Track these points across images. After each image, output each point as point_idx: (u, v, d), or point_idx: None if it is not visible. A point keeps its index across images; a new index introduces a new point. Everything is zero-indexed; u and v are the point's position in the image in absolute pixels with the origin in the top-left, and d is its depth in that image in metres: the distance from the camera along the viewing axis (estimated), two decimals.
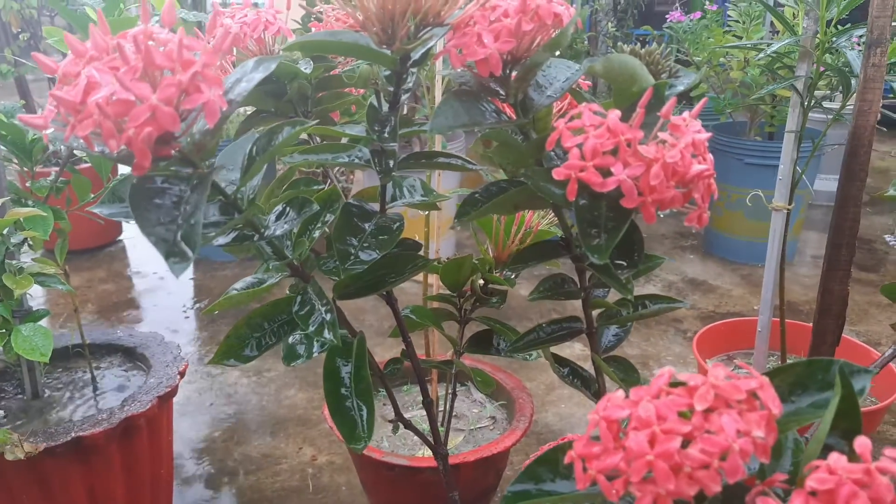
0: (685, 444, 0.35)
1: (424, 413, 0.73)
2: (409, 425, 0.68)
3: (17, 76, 2.42)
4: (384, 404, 1.23)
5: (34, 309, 1.12)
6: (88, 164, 1.75)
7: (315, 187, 0.58)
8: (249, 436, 1.52)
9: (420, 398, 0.72)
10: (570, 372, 0.61)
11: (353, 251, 0.54)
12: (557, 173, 0.44)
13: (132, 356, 1.28)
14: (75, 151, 1.26)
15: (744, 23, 1.98)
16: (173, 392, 1.15)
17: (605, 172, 0.43)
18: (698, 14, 2.12)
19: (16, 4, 2.33)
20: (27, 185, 1.10)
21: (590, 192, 0.46)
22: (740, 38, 2.06)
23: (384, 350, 1.74)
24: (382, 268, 0.57)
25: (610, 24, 2.41)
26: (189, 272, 2.38)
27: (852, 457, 0.34)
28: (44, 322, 1.08)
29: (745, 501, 0.38)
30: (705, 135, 0.45)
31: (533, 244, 0.58)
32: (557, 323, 0.58)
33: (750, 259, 2.34)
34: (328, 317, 0.50)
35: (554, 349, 0.62)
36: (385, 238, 0.55)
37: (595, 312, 0.59)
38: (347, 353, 0.56)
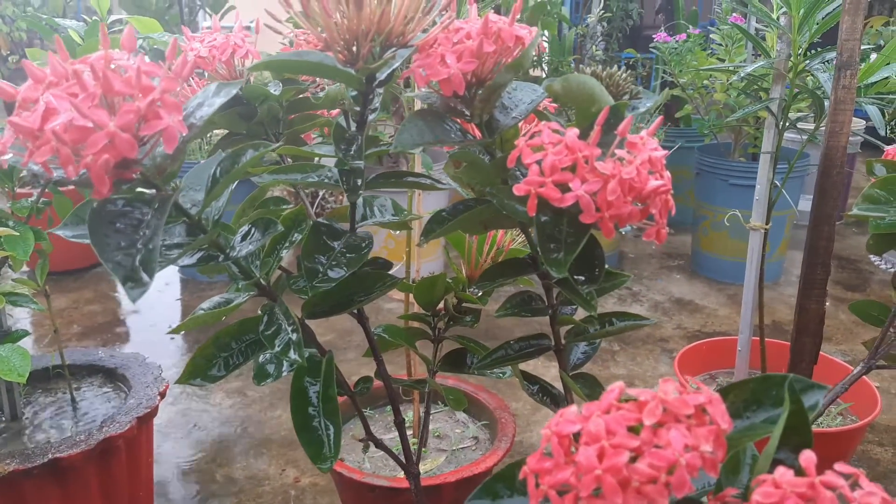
0: (634, 459, 0.35)
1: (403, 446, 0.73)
2: (379, 445, 0.68)
3: None
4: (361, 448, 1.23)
5: (15, 329, 1.11)
6: (72, 187, 1.75)
7: (284, 207, 0.58)
8: (233, 457, 1.51)
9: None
10: (539, 389, 0.61)
11: (321, 269, 0.54)
12: (518, 189, 0.44)
13: (113, 377, 1.27)
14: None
15: (726, 46, 2.01)
16: (153, 413, 1.14)
17: (564, 188, 0.44)
18: (683, 36, 2.15)
19: (5, 27, 2.35)
20: (8, 205, 1.10)
21: (551, 209, 0.47)
22: (723, 60, 2.09)
23: (370, 371, 1.73)
24: (351, 286, 0.57)
25: (595, 46, 2.44)
26: (176, 293, 2.38)
27: (802, 472, 0.34)
28: (27, 343, 1.07)
29: None
30: (662, 152, 0.45)
31: (501, 262, 0.59)
32: (526, 340, 0.59)
33: (736, 278, 2.35)
34: (294, 336, 0.50)
35: (539, 370, 0.63)
36: (354, 256, 0.56)
37: (564, 330, 0.59)
38: (316, 373, 0.56)
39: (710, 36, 2.17)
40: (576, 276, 0.47)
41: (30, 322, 2.16)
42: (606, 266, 0.53)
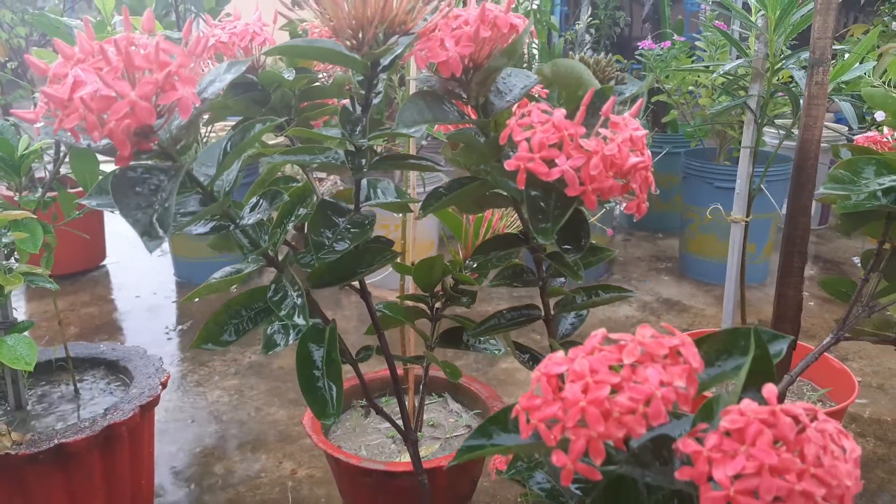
0: (615, 393, 0.39)
1: (401, 424, 0.76)
2: (380, 411, 0.72)
3: (4, 103, 2.46)
4: (361, 415, 1.26)
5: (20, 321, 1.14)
6: (79, 189, 1.78)
7: (292, 185, 0.62)
8: (230, 451, 1.54)
9: (397, 411, 0.75)
10: (530, 358, 0.65)
11: (327, 242, 0.58)
12: (509, 164, 0.49)
13: (115, 369, 1.30)
14: (61, 169, 1.29)
15: (710, 53, 2.07)
16: (155, 402, 1.17)
17: (551, 164, 0.48)
18: (668, 43, 2.21)
19: (3, 34, 2.38)
20: (15, 199, 1.13)
21: (540, 185, 0.51)
22: (712, 71, 2.14)
23: (365, 367, 1.76)
24: (354, 259, 0.61)
25: (583, 54, 2.50)
26: (172, 295, 2.40)
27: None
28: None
29: (672, 448, 0.42)
30: (643, 132, 0.50)
31: (494, 237, 0.63)
32: (517, 310, 0.63)
33: (723, 280, 2.37)
34: (299, 301, 0.54)
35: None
36: (358, 231, 0.60)
37: (553, 303, 0.63)
38: (320, 339, 0.59)
39: (696, 44, 2.23)
40: (563, 246, 0.51)
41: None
42: (592, 241, 0.57)
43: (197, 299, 0.61)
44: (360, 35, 0.51)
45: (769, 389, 0.38)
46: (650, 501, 0.42)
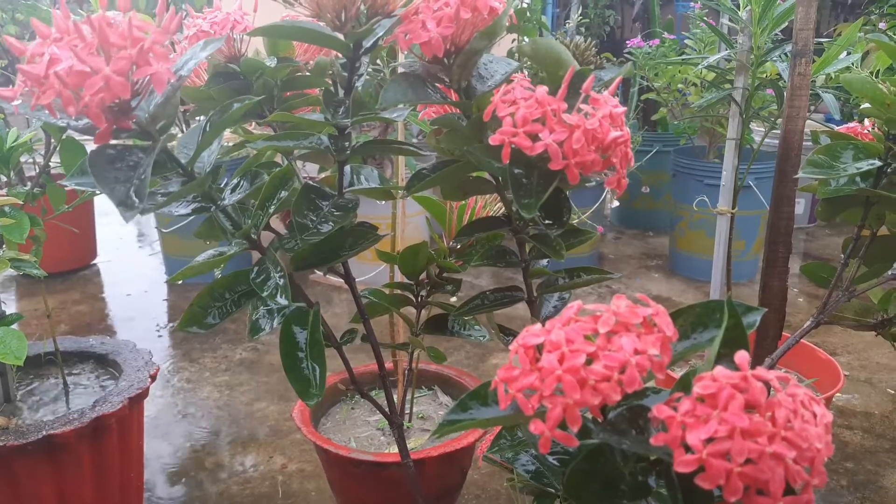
0: (590, 362, 0.39)
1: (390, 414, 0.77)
2: (364, 395, 0.72)
3: None
4: (352, 407, 1.27)
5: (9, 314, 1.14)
6: (71, 188, 1.78)
7: (275, 169, 0.62)
8: (221, 446, 1.54)
9: (385, 405, 0.75)
10: (514, 340, 0.65)
11: (311, 224, 0.59)
12: (493, 139, 0.49)
13: (104, 363, 1.30)
14: (50, 163, 1.29)
15: (699, 50, 2.09)
16: (144, 394, 1.17)
17: (535, 138, 0.48)
18: (656, 41, 2.23)
19: None
20: (3, 191, 1.13)
21: (523, 162, 0.51)
22: (696, 64, 2.16)
23: (354, 362, 1.76)
24: (338, 241, 0.62)
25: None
26: (163, 293, 2.40)
27: None
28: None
29: (648, 417, 0.42)
30: (621, 109, 0.50)
31: (478, 219, 0.63)
32: (500, 291, 0.63)
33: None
34: (281, 282, 0.54)
35: None
36: (341, 214, 0.60)
37: (536, 284, 0.64)
38: (303, 321, 0.60)
39: (685, 42, 2.24)
40: (546, 221, 0.52)
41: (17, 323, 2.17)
42: (576, 222, 0.58)
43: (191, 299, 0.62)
44: (343, 16, 0.52)
45: (741, 356, 0.39)
46: (626, 469, 0.42)
